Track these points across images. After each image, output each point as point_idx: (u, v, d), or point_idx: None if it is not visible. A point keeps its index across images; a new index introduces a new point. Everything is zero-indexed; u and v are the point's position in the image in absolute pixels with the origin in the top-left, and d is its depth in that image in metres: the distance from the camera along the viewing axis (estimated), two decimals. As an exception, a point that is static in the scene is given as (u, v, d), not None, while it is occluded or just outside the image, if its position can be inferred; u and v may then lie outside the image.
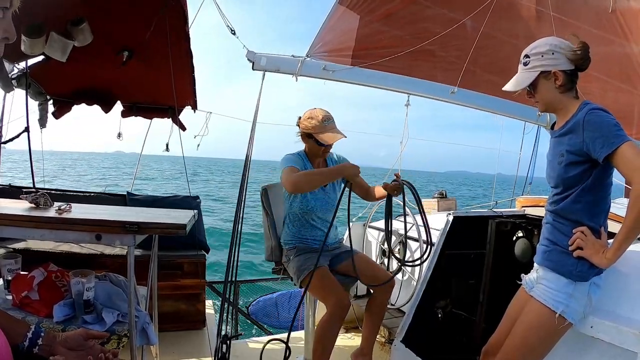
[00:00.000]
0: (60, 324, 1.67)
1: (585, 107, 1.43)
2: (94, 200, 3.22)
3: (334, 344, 2.14)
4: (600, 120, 1.36)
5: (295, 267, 2.23)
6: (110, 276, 1.97)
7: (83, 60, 2.91)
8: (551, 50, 1.46)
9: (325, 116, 2.19)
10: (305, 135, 2.26)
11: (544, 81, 1.49)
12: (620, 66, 3.11)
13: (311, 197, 2.28)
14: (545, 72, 1.47)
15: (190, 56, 3.03)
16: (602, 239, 1.46)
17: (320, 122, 2.18)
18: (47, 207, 1.84)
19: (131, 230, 1.65)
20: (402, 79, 2.67)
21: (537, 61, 1.48)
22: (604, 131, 1.34)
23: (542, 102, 1.53)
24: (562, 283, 1.45)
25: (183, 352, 2.72)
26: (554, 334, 1.47)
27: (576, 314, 1.44)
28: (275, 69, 2.45)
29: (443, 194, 4.72)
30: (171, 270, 2.93)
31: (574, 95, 1.50)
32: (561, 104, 1.50)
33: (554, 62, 1.46)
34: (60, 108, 3.83)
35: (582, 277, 1.43)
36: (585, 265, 1.42)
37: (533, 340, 1.50)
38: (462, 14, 2.74)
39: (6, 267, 1.86)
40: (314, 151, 2.28)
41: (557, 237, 1.50)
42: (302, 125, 2.25)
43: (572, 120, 1.45)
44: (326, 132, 2.18)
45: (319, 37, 2.61)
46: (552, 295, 1.46)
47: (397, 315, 3.08)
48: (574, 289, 1.43)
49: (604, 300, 1.50)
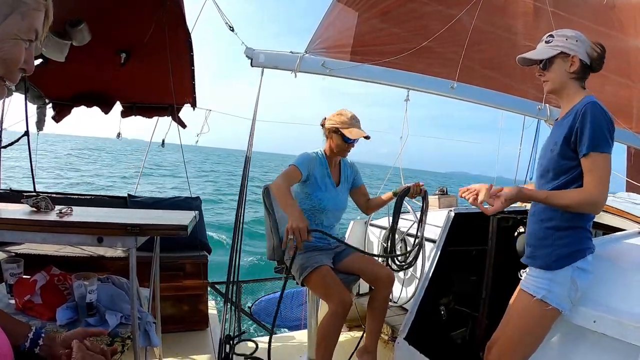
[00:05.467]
0: (63, 327, 1.67)
1: (588, 100, 1.47)
2: (94, 203, 3.23)
3: (336, 342, 2.15)
4: (594, 118, 1.40)
5: (298, 265, 2.24)
6: (112, 278, 1.97)
7: (81, 61, 2.90)
8: (575, 38, 1.52)
9: (354, 116, 2.34)
10: (331, 131, 2.33)
11: (560, 62, 1.54)
12: (618, 61, 3.11)
13: (322, 194, 2.32)
14: (565, 53, 1.53)
15: (190, 54, 3.03)
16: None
17: (349, 119, 2.31)
18: (48, 211, 1.84)
19: (133, 232, 1.66)
20: (401, 74, 2.68)
21: (561, 42, 1.53)
22: (592, 130, 1.39)
23: (551, 81, 1.57)
24: (542, 270, 1.51)
25: (186, 352, 2.72)
26: (541, 322, 1.50)
27: (560, 299, 1.46)
28: (273, 66, 2.47)
29: (444, 191, 4.72)
30: (173, 271, 2.93)
31: (582, 85, 1.55)
32: (568, 89, 1.55)
33: (575, 48, 1.52)
34: (60, 111, 3.83)
35: (560, 265, 1.47)
36: (558, 254, 1.47)
37: (521, 329, 1.54)
38: (460, 11, 2.74)
39: (8, 271, 1.86)
40: (338, 147, 2.34)
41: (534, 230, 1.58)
42: (329, 121, 2.34)
43: (574, 109, 1.49)
44: (352, 128, 2.29)
45: (317, 33, 2.62)
46: (533, 282, 1.52)
47: (400, 313, 3.08)
48: (554, 274, 1.47)
49: (606, 295, 1.50)
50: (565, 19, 2.95)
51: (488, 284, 2.20)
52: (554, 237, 1.50)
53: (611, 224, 2.38)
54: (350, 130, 2.28)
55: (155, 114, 4.01)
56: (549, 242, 1.51)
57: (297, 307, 3.96)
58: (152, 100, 3.91)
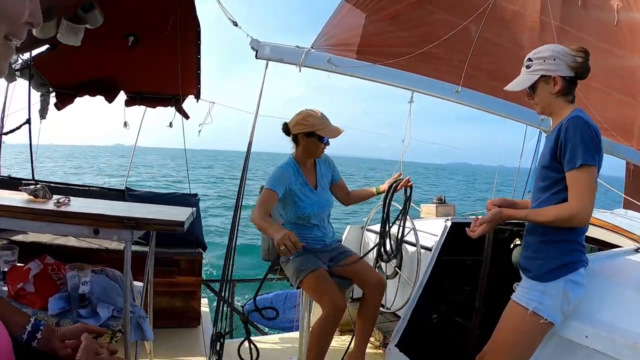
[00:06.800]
0: (55, 316, 1.67)
1: (572, 115, 1.49)
2: (92, 194, 3.22)
3: (328, 346, 2.14)
4: (576, 132, 1.43)
5: (293, 268, 2.23)
6: (106, 271, 1.97)
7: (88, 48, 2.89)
8: (553, 57, 1.52)
9: (322, 114, 2.22)
10: (303, 136, 2.22)
11: (543, 85, 1.56)
12: (622, 79, 3.11)
13: (303, 203, 2.25)
14: (545, 76, 1.54)
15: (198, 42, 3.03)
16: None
17: (320, 118, 2.19)
18: (45, 200, 1.84)
19: (129, 225, 1.65)
20: (406, 75, 2.66)
21: (539, 65, 1.55)
22: (575, 145, 1.42)
23: (540, 104, 1.61)
24: (534, 282, 1.52)
25: (177, 349, 2.71)
26: (532, 334, 1.50)
27: (551, 311, 1.46)
28: (278, 59, 2.44)
29: (442, 200, 4.73)
30: (168, 267, 2.92)
31: (569, 100, 1.56)
32: (557, 107, 1.57)
33: (554, 68, 1.52)
34: (62, 100, 3.83)
35: (552, 277, 1.47)
36: (549, 266, 1.48)
37: (511, 340, 1.54)
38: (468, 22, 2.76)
39: (2, 258, 1.86)
40: (312, 151, 2.24)
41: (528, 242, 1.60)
42: (298, 126, 2.21)
43: (560, 124, 1.51)
44: (328, 127, 2.19)
45: (324, 30, 2.62)
46: (524, 294, 1.52)
47: (392, 320, 3.07)
48: (546, 286, 1.48)
49: (600, 311, 1.50)
50: (571, 34, 2.96)
51: (482, 295, 2.19)
52: (546, 249, 1.52)
53: (607, 240, 2.38)
54: (328, 130, 2.19)
55: (159, 104, 4.02)
56: (542, 255, 1.52)
57: (290, 309, 3.95)
58: (156, 89, 3.91)
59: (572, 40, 2.85)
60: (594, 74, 1.56)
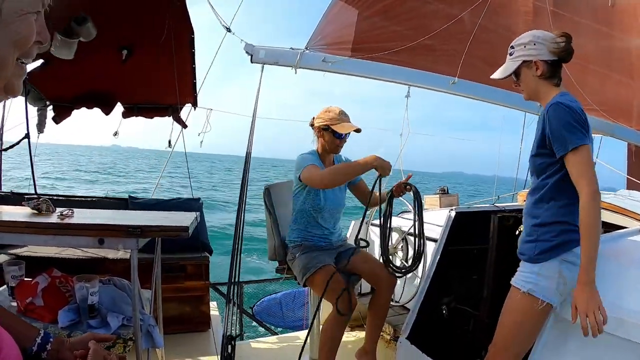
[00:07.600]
0: (65, 329, 1.67)
1: (553, 100, 1.50)
2: (95, 205, 3.23)
3: (339, 342, 2.15)
4: (558, 119, 1.44)
5: (300, 266, 2.24)
6: (114, 280, 1.97)
7: (83, 59, 2.89)
8: (533, 42, 1.55)
9: (342, 111, 2.35)
10: (321, 129, 2.33)
11: (526, 70, 1.59)
12: (619, 60, 3.10)
13: (324, 195, 2.32)
14: (527, 61, 1.57)
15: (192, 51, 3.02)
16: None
17: (338, 115, 2.32)
18: (49, 213, 1.84)
19: (134, 233, 1.66)
20: (402, 70, 2.66)
21: (520, 51, 1.58)
22: (560, 131, 1.43)
23: (525, 89, 1.63)
24: (529, 264, 1.54)
25: (188, 354, 2.72)
26: (531, 316, 1.51)
27: (547, 292, 1.47)
28: (274, 62, 2.45)
29: (445, 190, 4.72)
30: (175, 272, 2.93)
31: (555, 83, 1.58)
32: (542, 92, 1.59)
33: (535, 52, 1.55)
34: (60, 113, 3.83)
35: (545, 258, 1.49)
36: (542, 247, 1.50)
37: (512, 325, 1.55)
38: (460, 10, 2.74)
39: (10, 273, 1.86)
40: (330, 145, 2.34)
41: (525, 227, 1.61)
42: (318, 119, 2.35)
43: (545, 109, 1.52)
44: (342, 123, 2.30)
45: (318, 30, 2.61)
46: (521, 277, 1.55)
47: (402, 312, 3.07)
48: (540, 268, 1.49)
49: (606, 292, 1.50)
50: (565, 18, 2.94)
51: (489, 283, 2.19)
52: (538, 232, 1.54)
53: (612, 221, 2.37)
54: (341, 125, 2.29)
55: (157, 114, 4.02)
56: (533, 237, 1.55)
57: (300, 308, 3.96)
58: (152, 100, 3.91)
59: (567, 23, 2.84)
60: (591, 56, 1.56)
